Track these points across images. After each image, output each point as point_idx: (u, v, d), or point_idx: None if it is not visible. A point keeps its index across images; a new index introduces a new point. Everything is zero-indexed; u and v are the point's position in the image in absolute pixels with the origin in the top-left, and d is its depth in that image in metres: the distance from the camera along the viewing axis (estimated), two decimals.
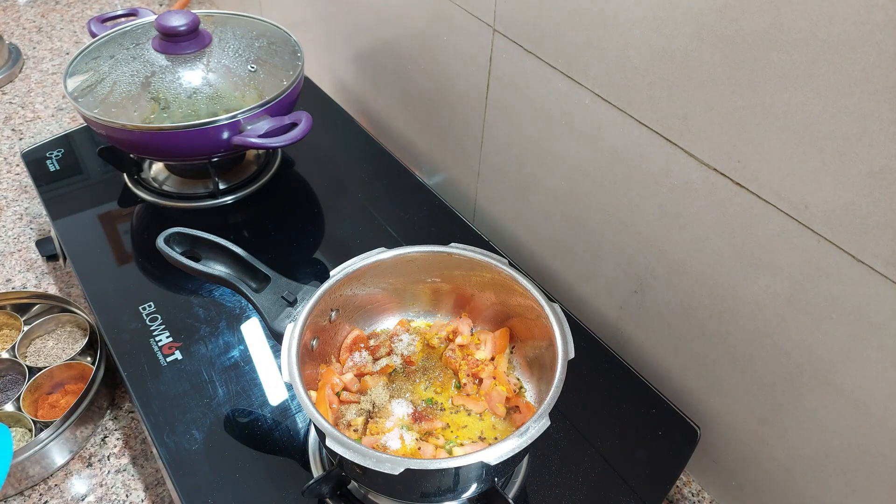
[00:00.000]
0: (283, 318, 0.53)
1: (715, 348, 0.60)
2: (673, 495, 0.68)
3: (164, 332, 0.67)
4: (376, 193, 0.85)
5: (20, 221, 0.95)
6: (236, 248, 0.56)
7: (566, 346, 0.50)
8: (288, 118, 0.74)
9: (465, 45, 0.75)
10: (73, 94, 0.75)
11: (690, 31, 0.49)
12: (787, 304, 0.51)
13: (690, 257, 0.58)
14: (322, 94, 1.01)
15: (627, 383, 0.65)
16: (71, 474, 0.68)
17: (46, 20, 1.38)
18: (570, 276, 0.76)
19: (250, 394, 0.62)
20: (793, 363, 0.53)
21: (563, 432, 0.60)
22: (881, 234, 0.43)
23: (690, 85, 0.51)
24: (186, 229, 0.57)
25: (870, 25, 0.39)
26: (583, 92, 0.61)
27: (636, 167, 0.59)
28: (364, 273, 0.57)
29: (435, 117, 0.88)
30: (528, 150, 0.73)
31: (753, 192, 0.50)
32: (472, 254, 0.57)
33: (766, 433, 0.58)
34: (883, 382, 0.47)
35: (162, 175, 0.86)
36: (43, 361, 0.77)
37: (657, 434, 0.61)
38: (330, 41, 1.07)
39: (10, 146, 1.07)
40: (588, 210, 0.68)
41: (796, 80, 0.44)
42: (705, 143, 0.52)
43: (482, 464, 0.43)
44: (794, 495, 0.59)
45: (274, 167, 0.87)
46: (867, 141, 0.41)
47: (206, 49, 0.78)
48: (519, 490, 0.57)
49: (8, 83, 1.20)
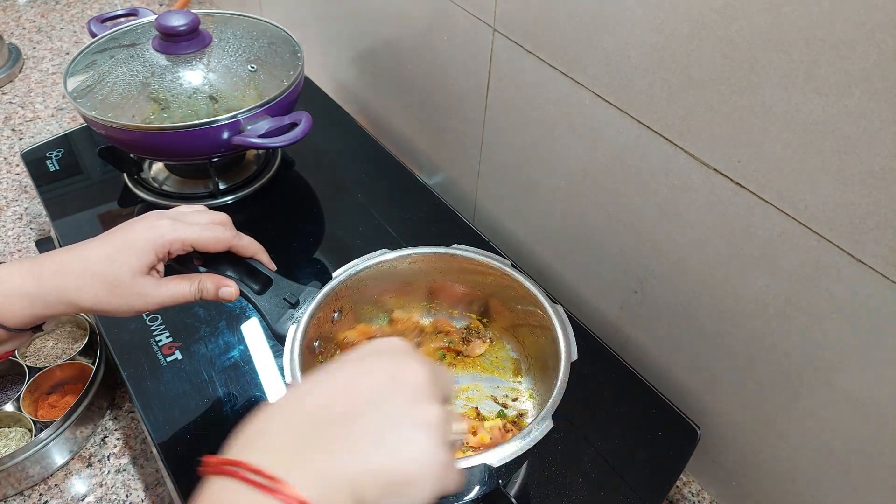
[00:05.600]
0: (285, 320, 0.53)
1: (715, 348, 0.60)
2: (673, 495, 0.68)
3: (164, 332, 0.67)
4: (376, 193, 0.85)
5: (20, 221, 0.95)
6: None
7: (569, 347, 0.50)
8: (288, 118, 0.74)
9: (466, 45, 0.75)
10: (73, 94, 0.74)
11: (690, 31, 0.49)
12: (787, 304, 0.51)
13: (690, 257, 0.58)
14: (322, 94, 1.01)
15: (627, 383, 0.65)
16: (71, 474, 0.68)
17: (46, 20, 1.38)
18: (571, 276, 0.76)
19: (250, 394, 0.62)
20: (793, 363, 0.53)
21: (564, 432, 0.60)
22: (881, 234, 0.43)
23: (690, 85, 0.51)
24: None
25: (870, 25, 0.39)
26: (583, 92, 0.61)
27: (636, 167, 0.59)
28: (366, 274, 0.57)
29: (435, 117, 0.88)
30: (528, 150, 0.73)
31: (753, 192, 0.50)
32: (475, 255, 0.57)
33: (766, 433, 0.58)
34: (883, 382, 0.47)
35: (162, 175, 0.86)
36: (43, 361, 0.77)
37: (657, 434, 0.61)
38: (330, 41, 1.07)
39: (10, 146, 1.07)
40: (588, 210, 0.68)
41: (796, 80, 0.44)
42: (705, 143, 0.52)
43: (485, 466, 0.43)
44: (794, 495, 0.59)
45: (274, 167, 0.87)
46: (867, 141, 0.41)
47: (206, 49, 0.78)
48: (519, 490, 0.57)
49: (8, 83, 1.20)
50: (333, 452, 0.31)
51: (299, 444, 0.31)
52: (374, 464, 0.31)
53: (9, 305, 0.47)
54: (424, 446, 0.33)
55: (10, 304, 0.47)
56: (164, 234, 0.50)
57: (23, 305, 0.47)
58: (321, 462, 0.31)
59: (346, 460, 0.31)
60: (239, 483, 0.29)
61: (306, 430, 0.32)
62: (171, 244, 0.50)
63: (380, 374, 0.35)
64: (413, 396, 0.34)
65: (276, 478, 0.29)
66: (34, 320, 0.49)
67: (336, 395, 0.34)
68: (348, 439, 0.32)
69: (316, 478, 0.30)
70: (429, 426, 0.33)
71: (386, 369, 0.35)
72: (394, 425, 0.33)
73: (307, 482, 0.29)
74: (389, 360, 0.36)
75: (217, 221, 0.54)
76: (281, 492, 0.29)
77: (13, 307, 0.47)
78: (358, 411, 0.33)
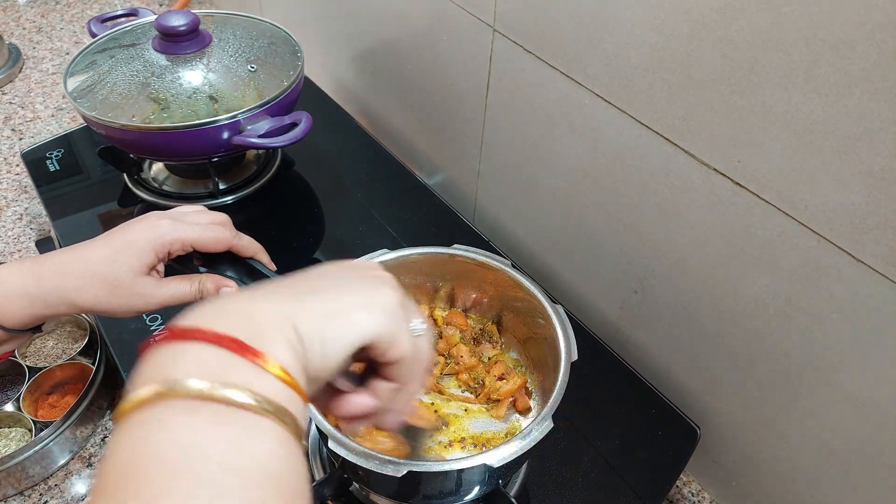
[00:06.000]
0: None
1: (715, 348, 0.60)
2: (673, 495, 0.68)
3: None
4: (376, 193, 0.85)
5: (20, 221, 0.95)
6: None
7: (569, 348, 0.50)
8: (288, 118, 0.74)
9: (466, 45, 0.75)
10: (73, 94, 0.74)
11: (690, 31, 0.49)
12: (787, 304, 0.51)
13: (690, 257, 0.58)
14: (322, 94, 1.01)
15: (627, 383, 0.65)
16: (71, 474, 0.68)
17: (46, 20, 1.38)
18: (571, 276, 0.76)
19: None
20: (793, 363, 0.53)
21: (564, 432, 0.60)
22: (881, 234, 0.43)
23: (690, 85, 0.51)
24: None
25: (870, 25, 0.39)
26: (583, 92, 0.61)
27: (636, 167, 0.59)
28: None
29: (435, 117, 0.88)
30: (528, 149, 0.73)
31: (753, 192, 0.50)
32: (475, 255, 0.57)
33: (766, 433, 0.58)
34: (883, 382, 0.47)
35: (162, 175, 0.86)
36: (43, 361, 0.77)
37: (657, 434, 0.61)
38: (330, 41, 1.07)
39: (10, 146, 1.07)
40: (588, 210, 0.68)
41: (796, 80, 0.44)
42: (705, 143, 0.52)
43: (485, 466, 0.43)
44: (794, 495, 0.59)
45: (274, 167, 0.87)
46: (867, 141, 0.41)
47: (206, 49, 0.78)
48: (519, 490, 0.57)
49: (8, 83, 1.20)
50: (269, 303, 0.30)
51: (248, 301, 0.30)
52: (311, 303, 0.31)
53: (9, 305, 0.47)
54: (369, 284, 0.33)
55: (10, 305, 0.47)
56: (165, 235, 0.50)
57: (23, 306, 0.47)
58: (254, 312, 0.29)
59: (281, 305, 0.30)
60: (188, 343, 0.27)
61: (257, 295, 0.31)
62: (171, 244, 0.50)
63: (350, 273, 0.34)
64: (366, 271, 0.34)
65: (202, 329, 0.27)
66: (34, 321, 0.49)
67: (302, 279, 0.33)
68: (288, 294, 0.31)
69: (247, 321, 0.29)
70: (380, 279, 0.34)
71: (359, 278, 0.34)
72: (340, 282, 0.33)
73: (238, 324, 0.28)
74: (365, 274, 0.35)
75: (217, 221, 0.54)
76: (208, 335, 0.27)
77: (13, 307, 0.47)
78: (318, 287, 0.32)
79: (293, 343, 0.29)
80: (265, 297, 0.31)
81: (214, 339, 0.27)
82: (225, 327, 0.27)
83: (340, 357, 0.30)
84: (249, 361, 0.27)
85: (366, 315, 0.31)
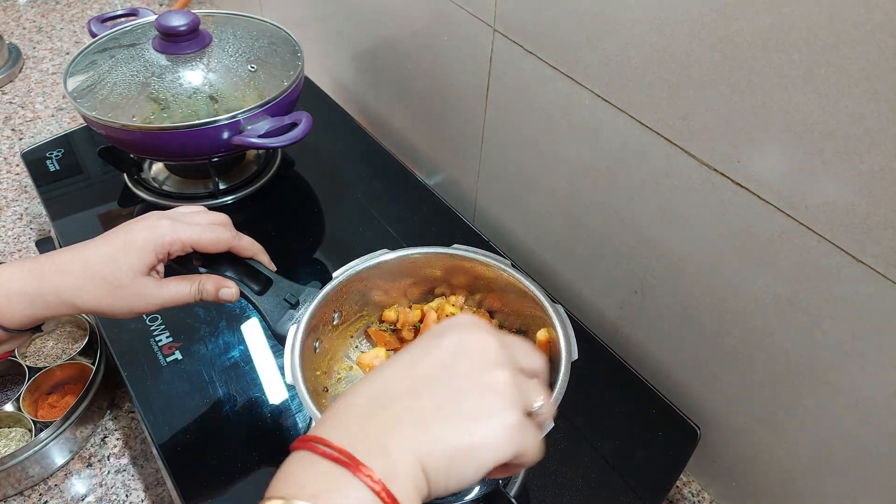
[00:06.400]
0: (285, 321, 0.53)
1: (715, 348, 0.60)
2: (673, 495, 0.68)
3: (164, 333, 0.67)
4: (376, 193, 0.85)
5: (20, 221, 0.95)
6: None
7: (569, 347, 0.50)
8: (288, 118, 0.74)
9: (465, 45, 0.75)
10: (73, 94, 0.74)
11: (690, 31, 0.49)
12: (787, 303, 0.51)
13: (690, 257, 0.58)
14: (322, 94, 1.01)
15: (627, 383, 0.65)
16: (71, 474, 0.68)
17: (46, 20, 1.38)
18: (570, 275, 0.76)
19: (250, 394, 0.62)
20: (793, 363, 0.53)
21: (563, 432, 0.60)
22: (881, 234, 0.43)
23: (690, 85, 0.51)
24: None
25: (870, 25, 0.39)
26: (583, 92, 0.61)
27: (636, 167, 0.59)
28: (366, 274, 0.57)
29: (435, 117, 0.88)
30: (528, 150, 0.73)
31: (753, 192, 0.50)
32: (475, 255, 0.57)
33: (766, 433, 0.58)
34: (883, 382, 0.47)
35: (162, 175, 0.86)
36: (43, 361, 0.77)
37: (657, 434, 0.61)
38: (330, 41, 1.07)
39: (10, 146, 1.07)
40: (588, 210, 0.68)
41: (796, 80, 0.44)
42: (705, 143, 0.52)
43: None
44: (794, 495, 0.59)
45: (274, 167, 0.87)
46: (867, 141, 0.41)
47: (206, 49, 0.78)
48: (519, 490, 0.57)
49: (8, 83, 1.20)
50: (398, 430, 0.31)
51: (365, 422, 0.32)
52: (437, 434, 0.31)
53: (9, 306, 0.47)
54: (489, 409, 0.32)
55: (10, 305, 0.47)
56: (165, 235, 0.50)
57: (23, 306, 0.47)
58: (387, 439, 0.31)
59: (409, 437, 0.31)
60: (313, 456, 0.30)
61: (372, 408, 0.32)
62: (171, 245, 0.50)
63: (442, 350, 0.35)
64: (477, 365, 0.34)
65: (347, 452, 0.30)
66: (34, 321, 0.49)
67: (400, 374, 0.34)
68: (413, 415, 0.32)
69: (383, 455, 0.30)
70: (494, 390, 0.33)
71: (449, 342, 0.35)
72: (456, 395, 0.33)
73: (375, 462, 0.30)
74: (453, 333, 0.36)
75: (217, 222, 0.54)
76: (356, 467, 0.29)
77: (13, 307, 0.47)
78: (421, 387, 0.33)
79: (420, 486, 0.31)
80: (398, 420, 0.32)
81: (357, 471, 0.29)
82: (366, 458, 0.30)
83: (462, 487, 0.32)
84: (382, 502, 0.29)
85: (492, 451, 0.32)
